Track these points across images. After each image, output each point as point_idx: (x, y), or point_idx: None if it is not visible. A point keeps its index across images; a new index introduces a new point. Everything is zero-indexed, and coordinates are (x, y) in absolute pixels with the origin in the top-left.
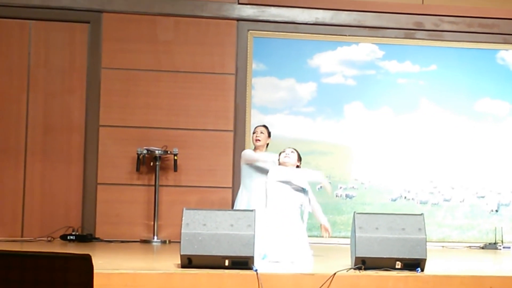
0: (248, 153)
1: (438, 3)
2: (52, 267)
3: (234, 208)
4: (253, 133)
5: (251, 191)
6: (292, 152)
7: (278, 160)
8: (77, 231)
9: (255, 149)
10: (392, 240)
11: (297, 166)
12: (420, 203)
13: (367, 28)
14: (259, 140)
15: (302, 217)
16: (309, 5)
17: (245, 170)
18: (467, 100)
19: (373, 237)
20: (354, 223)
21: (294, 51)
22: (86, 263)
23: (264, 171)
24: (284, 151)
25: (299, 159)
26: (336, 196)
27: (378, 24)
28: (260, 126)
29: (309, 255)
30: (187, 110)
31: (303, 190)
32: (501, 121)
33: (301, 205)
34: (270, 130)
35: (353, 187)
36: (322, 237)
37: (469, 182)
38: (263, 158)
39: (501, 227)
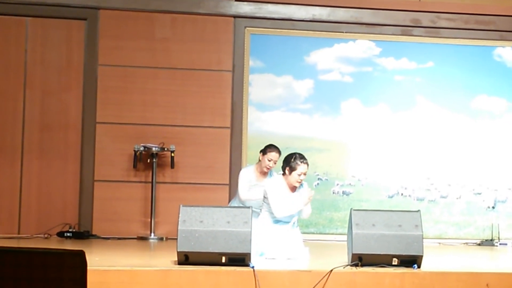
0: (241, 180)
1: (435, 0)
2: (46, 264)
3: None
4: (269, 160)
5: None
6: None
7: (289, 170)
8: (74, 228)
9: (260, 167)
10: (388, 236)
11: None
12: (417, 199)
13: (364, 25)
14: (269, 168)
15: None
16: (306, 2)
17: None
18: (464, 97)
19: (370, 233)
20: (351, 219)
21: (291, 48)
22: (80, 259)
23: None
24: (304, 174)
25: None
26: (333, 193)
27: (375, 21)
28: (277, 152)
29: (305, 251)
30: (184, 107)
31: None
32: (498, 118)
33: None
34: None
35: (350, 184)
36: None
37: (466, 179)
38: (247, 197)
39: (498, 224)
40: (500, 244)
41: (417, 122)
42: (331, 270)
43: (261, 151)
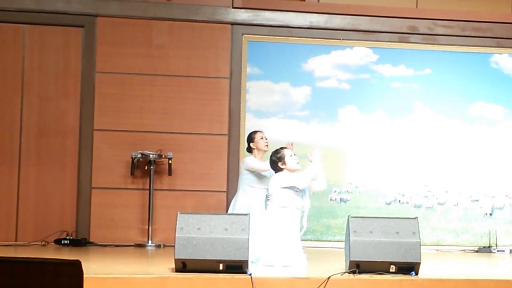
0: (251, 161)
1: (432, 7)
2: (42, 273)
3: (231, 209)
4: (261, 138)
5: (252, 198)
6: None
7: (281, 162)
8: (71, 235)
9: (258, 154)
10: (386, 243)
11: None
12: (414, 206)
13: (361, 32)
14: (267, 145)
15: (302, 220)
16: (303, 9)
17: (245, 176)
18: (461, 104)
19: (367, 240)
20: (349, 227)
21: (288, 55)
22: (76, 269)
23: (264, 177)
24: (294, 155)
25: None
26: (331, 200)
27: (372, 28)
28: (260, 131)
29: (303, 258)
30: (181, 114)
31: (303, 192)
32: (495, 125)
33: (302, 206)
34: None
35: (347, 191)
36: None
37: (463, 186)
38: (266, 167)
39: (495, 231)
40: (497, 251)
41: (414, 129)
42: (329, 277)
43: (249, 143)
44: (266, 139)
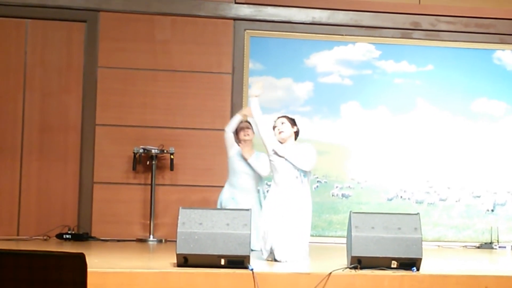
0: (235, 119)
1: (435, 3)
2: (46, 266)
3: (218, 205)
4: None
5: (236, 188)
6: (282, 123)
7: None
8: (73, 230)
9: (244, 145)
10: (388, 239)
11: (295, 133)
12: (416, 202)
13: (363, 28)
14: (248, 134)
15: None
16: (306, 4)
17: (230, 166)
18: (464, 100)
19: (369, 236)
20: (350, 222)
21: (290, 51)
22: (80, 261)
23: (247, 168)
24: (275, 126)
25: (293, 123)
26: (332, 195)
27: (374, 24)
28: (246, 122)
29: (305, 252)
30: (184, 109)
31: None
32: (498, 121)
33: (297, 177)
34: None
35: (349, 186)
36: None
37: (465, 182)
38: (237, 118)
39: (497, 227)
40: (499, 247)
41: (416, 125)
42: (330, 273)
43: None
44: (248, 128)
